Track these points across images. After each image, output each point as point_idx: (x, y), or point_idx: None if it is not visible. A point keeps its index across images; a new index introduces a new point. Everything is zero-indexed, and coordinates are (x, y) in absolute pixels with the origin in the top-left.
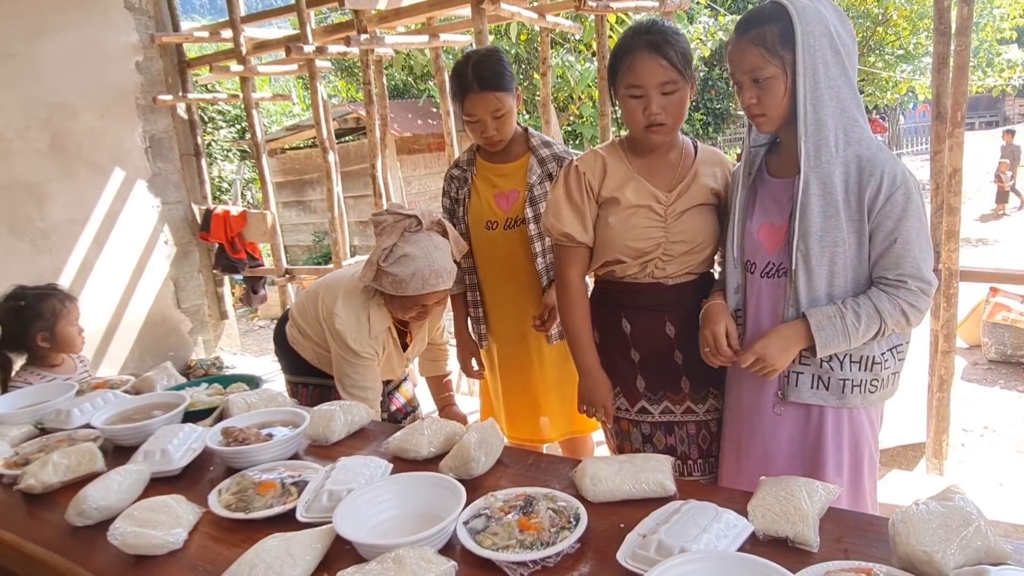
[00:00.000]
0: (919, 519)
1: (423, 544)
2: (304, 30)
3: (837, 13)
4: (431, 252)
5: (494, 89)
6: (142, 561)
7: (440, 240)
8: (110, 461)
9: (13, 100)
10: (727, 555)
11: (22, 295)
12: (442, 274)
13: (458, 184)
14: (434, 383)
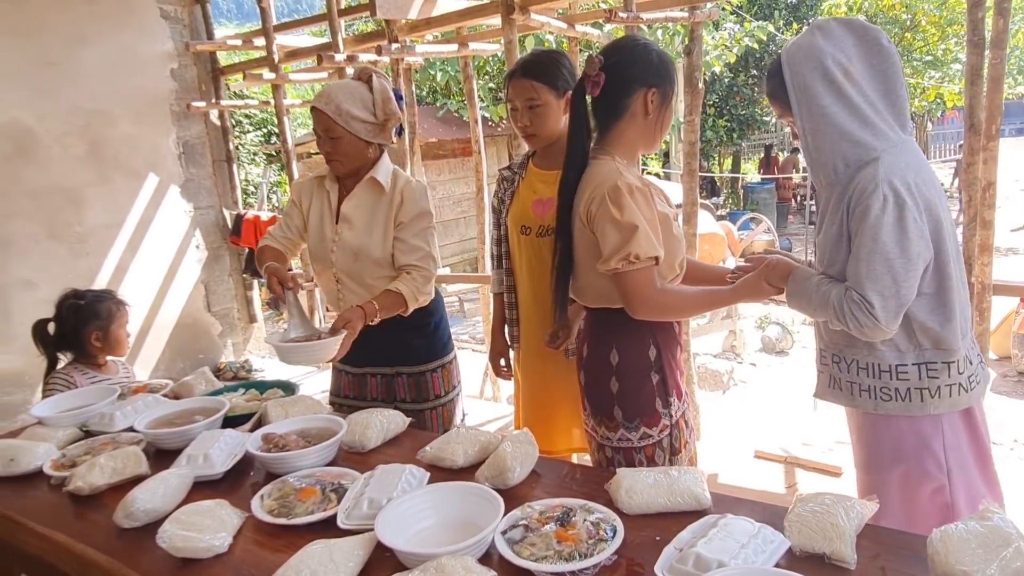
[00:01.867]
0: (958, 539)
1: (464, 553)
2: (335, 39)
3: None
4: (339, 84)
5: (533, 78)
6: (188, 564)
7: (353, 83)
8: (152, 464)
9: (53, 107)
10: (765, 571)
11: (81, 295)
12: (325, 96)
13: (506, 185)
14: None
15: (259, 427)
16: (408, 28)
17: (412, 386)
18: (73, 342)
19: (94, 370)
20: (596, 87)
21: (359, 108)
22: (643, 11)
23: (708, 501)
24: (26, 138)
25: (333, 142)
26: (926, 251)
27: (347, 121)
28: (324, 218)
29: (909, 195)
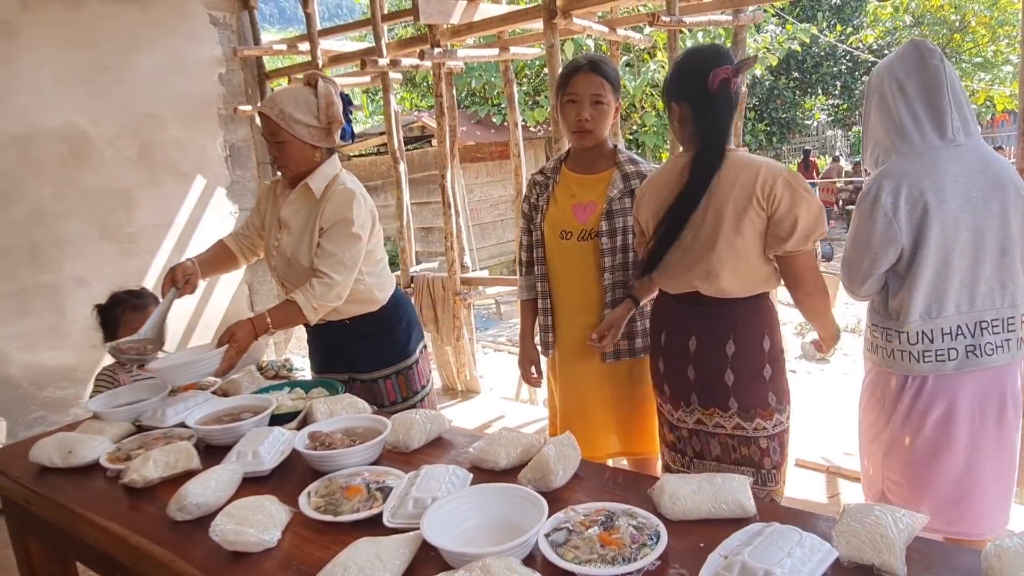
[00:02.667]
0: (1014, 553)
1: (508, 554)
2: (379, 44)
3: (907, 56)
4: (285, 89)
5: (602, 76)
6: (239, 557)
7: (299, 87)
8: (202, 459)
9: (106, 111)
10: None
11: (119, 297)
12: (268, 101)
13: (539, 190)
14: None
15: (305, 425)
16: (450, 33)
17: (366, 392)
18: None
19: (137, 368)
20: (736, 86)
21: (303, 112)
22: (686, 15)
23: (753, 509)
24: (81, 141)
25: (279, 146)
26: (891, 246)
27: (290, 125)
28: (272, 223)
29: (891, 196)
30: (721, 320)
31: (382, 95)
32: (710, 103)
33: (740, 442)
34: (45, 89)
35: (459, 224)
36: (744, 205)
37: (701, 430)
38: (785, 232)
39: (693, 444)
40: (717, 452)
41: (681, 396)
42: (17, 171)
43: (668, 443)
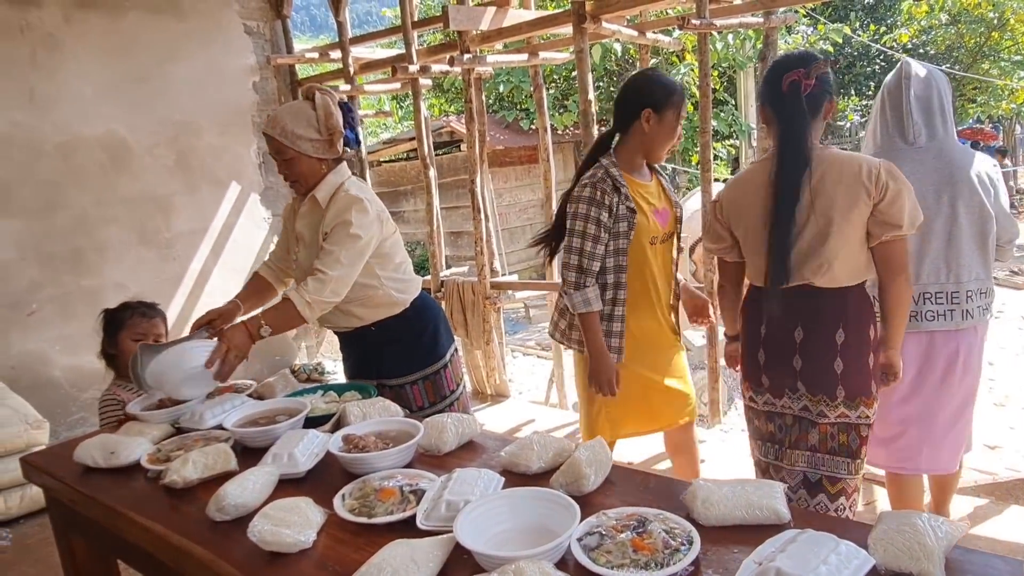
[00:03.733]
0: None
1: (541, 558)
2: (409, 51)
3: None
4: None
5: None
6: (276, 558)
7: (298, 103)
8: (239, 461)
9: (145, 120)
10: None
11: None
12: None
13: (621, 198)
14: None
15: (338, 428)
16: (480, 39)
17: (393, 398)
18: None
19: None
20: (808, 87)
21: (304, 127)
22: (716, 17)
23: (787, 515)
24: (121, 149)
25: (287, 163)
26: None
27: (294, 142)
28: (291, 238)
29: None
30: (831, 309)
31: (412, 101)
32: (783, 105)
33: (840, 429)
34: (87, 99)
35: (488, 229)
36: (854, 196)
37: (806, 417)
38: (893, 218)
39: (793, 433)
40: (814, 442)
41: (786, 385)
42: (61, 179)
43: (764, 435)
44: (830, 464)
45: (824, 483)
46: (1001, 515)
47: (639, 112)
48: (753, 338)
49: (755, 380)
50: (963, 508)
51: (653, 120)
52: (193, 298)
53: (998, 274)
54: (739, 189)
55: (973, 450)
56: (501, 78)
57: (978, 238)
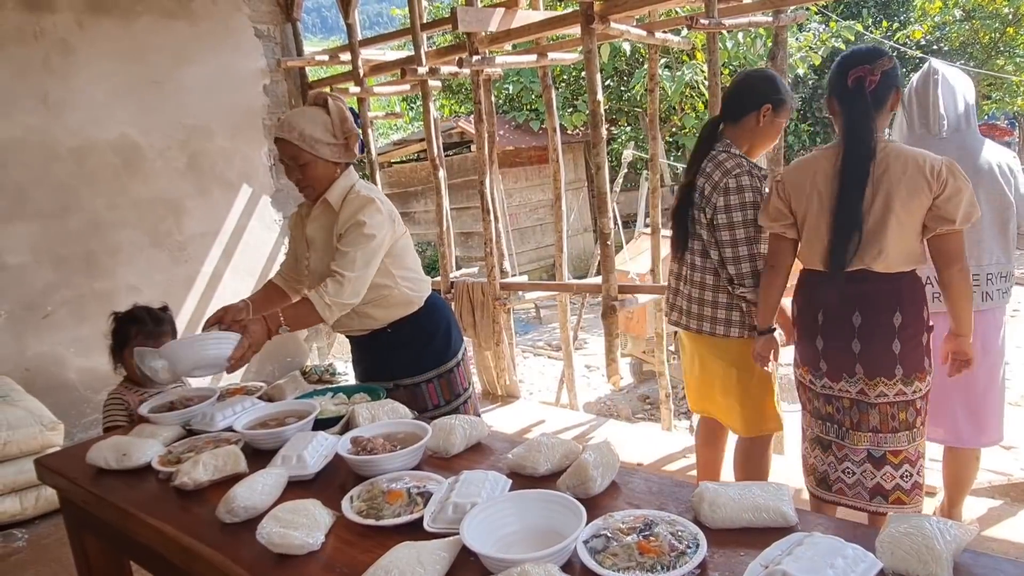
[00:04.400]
0: None
1: (547, 560)
2: (418, 52)
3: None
4: (297, 112)
5: None
6: (285, 560)
7: (310, 108)
8: (249, 463)
9: (157, 123)
10: None
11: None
12: (286, 126)
13: (763, 184)
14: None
15: (347, 430)
16: (488, 40)
17: (408, 397)
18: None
19: (142, 387)
20: (873, 83)
21: (321, 131)
22: (725, 16)
23: (794, 518)
24: (133, 152)
25: (302, 168)
26: None
27: (312, 145)
28: (301, 245)
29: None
30: (887, 294)
31: (421, 102)
32: (849, 99)
33: (899, 408)
34: (99, 103)
35: (498, 229)
36: (916, 189)
37: (863, 400)
38: (949, 214)
39: (852, 414)
40: (875, 423)
41: (844, 368)
42: (74, 182)
43: (823, 415)
44: (892, 440)
45: (888, 456)
46: (1016, 516)
47: (759, 106)
48: (809, 325)
49: (813, 365)
50: (977, 510)
51: (768, 117)
52: (205, 300)
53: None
54: (802, 172)
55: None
56: (510, 79)
57: (998, 224)
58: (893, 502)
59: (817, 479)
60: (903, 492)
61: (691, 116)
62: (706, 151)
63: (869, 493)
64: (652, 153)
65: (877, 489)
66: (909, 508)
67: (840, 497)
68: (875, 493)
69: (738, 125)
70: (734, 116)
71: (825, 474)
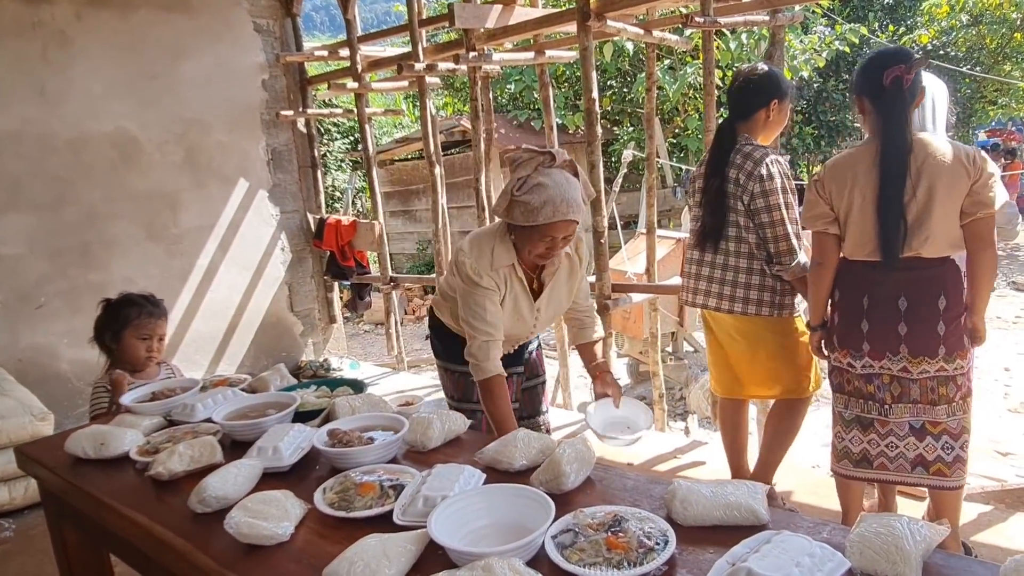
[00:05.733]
0: None
1: (512, 555)
2: (416, 49)
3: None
4: (563, 184)
5: None
6: (253, 550)
7: (571, 177)
8: (228, 454)
9: (155, 117)
10: None
11: (134, 299)
12: (572, 204)
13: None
14: (584, 351)
15: (328, 423)
16: (486, 37)
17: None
18: (100, 342)
19: (132, 375)
20: (908, 81)
21: (581, 197)
22: (721, 15)
23: (766, 516)
24: (130, 146)
25: (567, 240)
26: None
27: (582, 215)
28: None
29: None
30: (932, 278)
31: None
32: (885, 97)
33: (940, 383)
34: (97, 95)
35: None
36: (956, 176)
37: (905, 377)
38: (986, 198)
39: (893, 389)
40: (916, 395)
41: (887, 348)
42: (70, 174)
43: (864, 395)
44: (930, 412)
45: (927, 426)
46: (1006, 523)
47: (767, 101)
48: (854, 309)
49: (855, 347)
50: (968, 514)
51: (776, 109)
52: (200, 293)
53: (1017, 278)
54: (841, 170)
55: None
56: (513, 78)
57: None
58: (934, 474)
59: (855, 460)
60: (944, 464)
61: (694, 118)
62: (728, 147)
63: (911, 464)
64: (648, 152)
65: (919, 460)
66: (950, 482)
67: (882, 473)
68: (916, 464)
69: (750, 121)
70: (745, 114)
71: (865, 452)
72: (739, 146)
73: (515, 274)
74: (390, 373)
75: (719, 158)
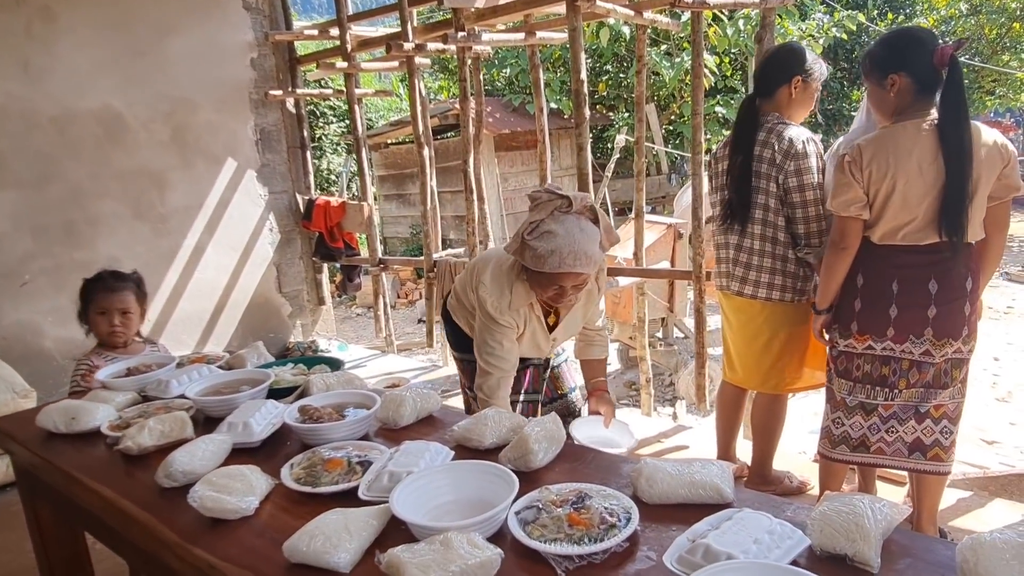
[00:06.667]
0: (991, 547)
1: (472, 529)
2: (405, 28)
3: None
4: (575, 233)
5: None
6: (218, 524)
7: (588, 225)
8: (201, 430)
9: (141, 95)
10: (771, 567)
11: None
12: (581, 256)
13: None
14: (586, 367)
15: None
16: (475, 16)
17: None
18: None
19: (114, 352)
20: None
21: (599, 249)
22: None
23: (731, 495)
24: (116, 123)
25: (577, 288)
26: None
27: (595, 266)
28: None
29: None
30: (963, 261)
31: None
32: (943, 76)
33: (953, 364)
34: (82, 72)
35: (483, 210)
36: (994, 161)
37: (925, 361)
38: (1015, 181)
39: (910, 375)
40: (929, 378)
41: (912, 332)
42: (55, 151)
43: (874, 379)
44: (938, 395)
45: (930, 411)
46: (984, 508)
47: (789, 79)
48: (883, 295)
49: (880, 331)
50: (947, 499)
51: (800, 87)
52: (187, 273)
53: (1010, 269)
54: (881, 151)
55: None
56: (508, 61)
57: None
58: (931, 458)
59: (853, 445)
60: (941, 448)
61: (691, 104)
62: (752, 127)
63: (908, 448)
64: (638, 136)
65: (916, 444)
66: (945, 467)
67: (879, 457)
68: (914, 448)
69: (773, 99)
70: (767, 91)
71: (864, 437)
72: (768, 124)
73: (533, 312)
74: (379, 355)
75: (742, 135)
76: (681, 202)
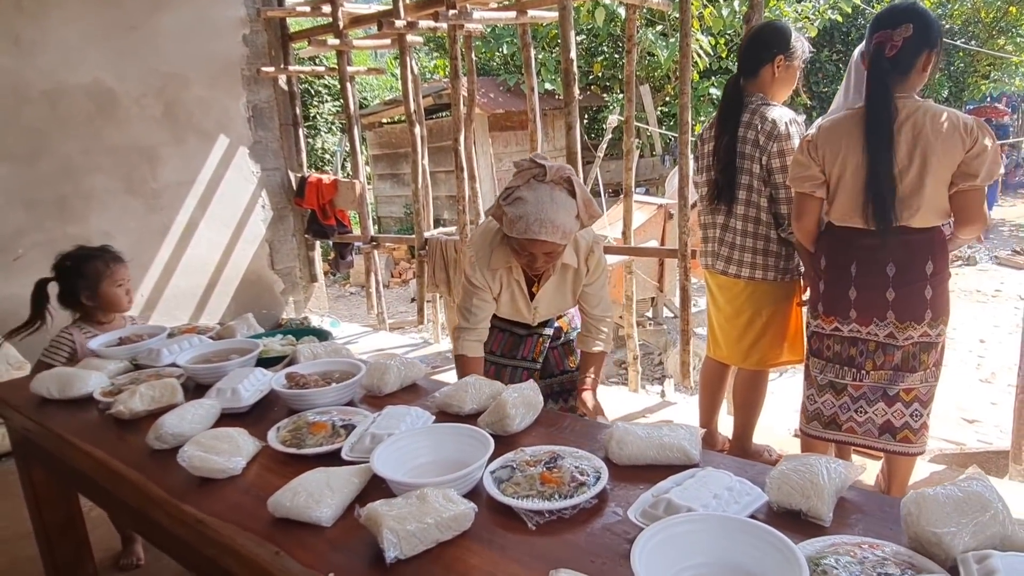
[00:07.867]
0: (933, 501)
1: (448, 486)
2: (397, 5)
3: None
4: (544, 202)
5: None
6: (206, 483)
7: (561, 195)
8: (191, 396)
9: (133, 70)
10: (729, 518)
11: (71, 255)
12: (547, 224)
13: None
14: (583, 357)
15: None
16: None
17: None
18: (72, 302)
19: (95, 327)
20: (895, 48)
21: (572, 220)
22: None
23: (697, 457)
24: (107, 98)
25: (549, 256)
26: None
27: (565, 236)
28: (516, 297)
29: None
30: (922, 246)
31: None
32: (872, 62)
33: (922, 348)
34: (73, 46)
35: (474, 188)
36: (951, 145)
37: (890, 343)
38: (973, 169)
39: (876, 357)
40: (897, 361)
41: (875, 314)
42: (46, 126)
43: (843, 359)
44: (908, 379)
45: (900, 394)
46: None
47: (772, 58)
48: (842, 277)
49: (842, 313)
50: (920, 473)
51: (783, 66)
52: (179, 249)
53: (1000, 253)
54: (834, 133)
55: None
56: (505, 39)
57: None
58: (901, 440)
59: (825, 422)
60: (911, 431)
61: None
62: (736, 107)
63: (879, 430)
64: (627, 115)
65: (887, 426)
66: (914, 448)
67: (850, 436)
68: (884, 430)
69: (757, 79)
70: (751, 71)
71: (835, 415)
72: (753, 104)
73: (511, 276)
74: (370, 332)
75: (727, 115)
76: (672, 183)
